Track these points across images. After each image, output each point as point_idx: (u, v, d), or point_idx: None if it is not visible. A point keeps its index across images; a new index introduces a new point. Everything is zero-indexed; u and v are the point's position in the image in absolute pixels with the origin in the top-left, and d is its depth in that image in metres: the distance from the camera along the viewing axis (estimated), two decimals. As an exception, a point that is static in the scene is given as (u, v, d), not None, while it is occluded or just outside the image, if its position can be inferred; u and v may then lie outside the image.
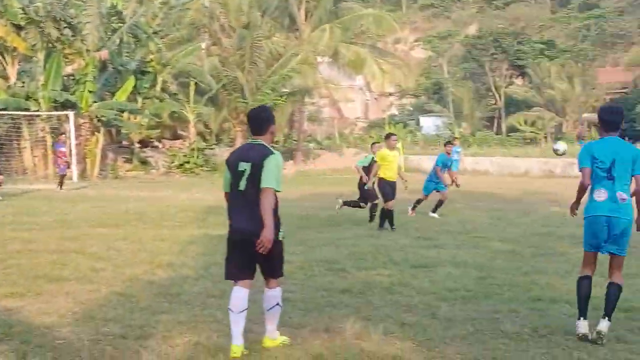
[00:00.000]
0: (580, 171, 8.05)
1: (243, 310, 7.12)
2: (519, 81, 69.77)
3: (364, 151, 50.88)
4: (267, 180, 6.95)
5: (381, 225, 17.13)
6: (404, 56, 71.92)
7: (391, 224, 16.99)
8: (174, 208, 21.09)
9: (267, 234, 6.89)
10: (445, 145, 21.13)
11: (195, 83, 42.27)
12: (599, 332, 7.66)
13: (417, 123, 68.48)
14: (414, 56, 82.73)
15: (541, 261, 12.81)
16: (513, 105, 64.83)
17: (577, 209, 8.62)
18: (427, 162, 43.70)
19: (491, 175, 42.71)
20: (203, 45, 47.33)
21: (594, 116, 55.82)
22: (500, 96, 65.85)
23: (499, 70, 67.34)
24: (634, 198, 7.97)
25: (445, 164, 20.21)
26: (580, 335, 7.78)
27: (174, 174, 40.00)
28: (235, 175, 7.15)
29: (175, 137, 47.14)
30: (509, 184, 34.98)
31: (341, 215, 19.35)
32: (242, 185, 7.09)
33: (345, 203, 19.77)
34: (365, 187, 18.52)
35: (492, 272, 11.59)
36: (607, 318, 7.79)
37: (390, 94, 77.65)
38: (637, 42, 72.46)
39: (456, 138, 37.75)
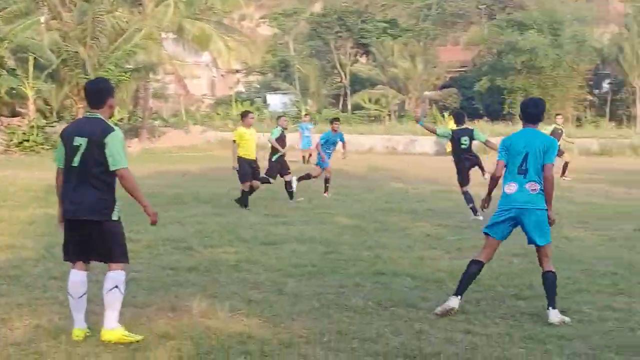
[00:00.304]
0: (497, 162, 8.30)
1: (82, 295, 6.93)
2: (363, 59, 70.76)
3: (211, 128, 50.59)
4: (118, 160, 6.76)
5: (243, 203, 17.00)
6: (250, 33, 71.56)
7: (245, 203, 16.89)
8: (13, 187, 20.32)
9: (149, 211, 6.91)
10: (331, 123, 21.10)
11: (35, 58, 40.65)
12: (551, 324, 7.66)
13: (264, 101, 68.47)
14: (260, 33, 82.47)
15: (384, 236, 13.13)
16: (358, 83, 65.70)
17: (488, 204, 8.69)
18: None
19: (337, 152, 43.16)
20: (42, 19, 45.57)
21: (435, 94, 57.09)
22: (345, 74, 66.63)
23: (343, 48, 68.04)
24: None
25: (329, 141, 20.26)
26: (449, 308, 7.91)
27: (13, 153, 38.48)
28: (70, 150, 6.85)
29: (14, 114, 45.26)
30: (354, 160, 35.46)
31: (187, 194, 19.16)
32: (76, 161, 6.81)
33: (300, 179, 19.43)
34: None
35: (338, 248, 11.79)
36: (551, 307, 7.81)
37: (237, 71, 77.24)
38: (476, 22, 74.78)
39: (307, 114, 37.93)
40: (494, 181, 8.43)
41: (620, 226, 14.50)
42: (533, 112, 8.40)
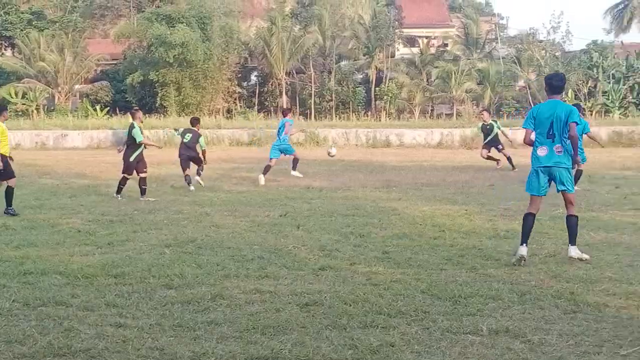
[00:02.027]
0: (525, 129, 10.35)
1: None
2: (8, 52, 67.58)
3: None
4: None
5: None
6: None
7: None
8: None
9: None
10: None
11: None
12: (570, 257, 10.07)
13: None
14: None
15: (33, 234, 12.62)
16: (2, 76, 62.63)
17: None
18: None
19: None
20: None
21: (86, 87, 55.60)
22: (-11, 67, 63.18)
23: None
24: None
25: None
26: (520, 256, 9.91)
27: None
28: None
29: None
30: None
31: None
32: None
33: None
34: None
35: (-20, 249, 11.14)
36: (571, 244, 10.19)
37: None
38: (125, 15, 74.04)
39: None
40: (529, 145, 10.34)
41: (267, 212, 15.16)
42: (557, 85, 10.23)
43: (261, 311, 7.74)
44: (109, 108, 55.84)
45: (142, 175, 17.73)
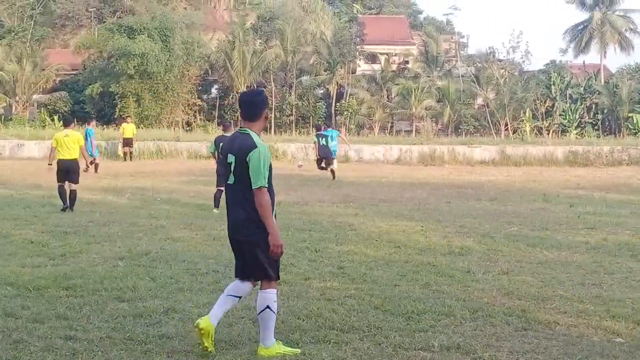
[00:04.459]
0: None
1: (229, 295, 7.08)
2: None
3: None
4: (254, 178, 6.65)
5: None
6: None
7: None
8: None
9: (272, 240, 6.71)
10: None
11: None
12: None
13: None
14: None
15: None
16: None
17: None
18: None
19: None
20: None
21: (45, 97, 54.87)
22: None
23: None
24: None
25: None
26: None
27: None
28: (226, 167, 6.91)
29: None
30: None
31: None
32: (231, 179, 6.85)
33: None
34: None
35: None
36: None
37: None
38: (86, 25, 73.60)
39: None
40: None
41: (223, 226, 14.97)
42: None
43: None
44: (67, 119, 55.17)
45: None
